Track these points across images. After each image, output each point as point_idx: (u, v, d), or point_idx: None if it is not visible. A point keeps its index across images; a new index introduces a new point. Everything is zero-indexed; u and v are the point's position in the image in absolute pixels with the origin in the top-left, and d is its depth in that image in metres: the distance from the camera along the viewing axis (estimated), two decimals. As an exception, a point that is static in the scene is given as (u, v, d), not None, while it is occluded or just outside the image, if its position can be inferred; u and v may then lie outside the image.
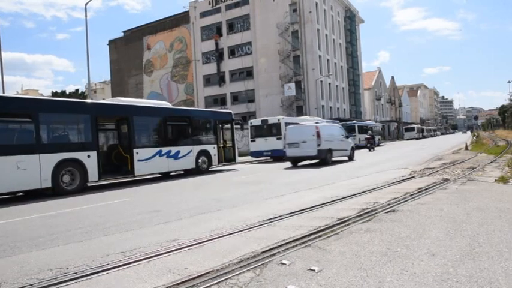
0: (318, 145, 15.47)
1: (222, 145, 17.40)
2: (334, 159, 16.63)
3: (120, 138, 14.19)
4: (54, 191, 10.61)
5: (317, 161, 16.19)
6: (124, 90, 52.79)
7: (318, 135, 15.52)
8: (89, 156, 11.50)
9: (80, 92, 62.68)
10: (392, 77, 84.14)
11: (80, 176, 11.25)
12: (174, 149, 14.56)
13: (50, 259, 4.19)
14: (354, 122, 37.47)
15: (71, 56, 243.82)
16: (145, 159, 13.37)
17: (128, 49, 54.59)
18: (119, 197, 9.65)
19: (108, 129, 14.64)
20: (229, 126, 18.33)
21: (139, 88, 53.79)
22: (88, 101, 13.26)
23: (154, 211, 7.02)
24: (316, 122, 17.93)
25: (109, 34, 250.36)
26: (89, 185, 12.46)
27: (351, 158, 17.86)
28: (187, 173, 15.69)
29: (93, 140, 11.83)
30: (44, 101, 11.56)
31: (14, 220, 6.95)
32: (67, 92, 61.45)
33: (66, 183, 10.95)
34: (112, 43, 57.58)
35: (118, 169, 13.18)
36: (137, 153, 13.11)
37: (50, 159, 10.53)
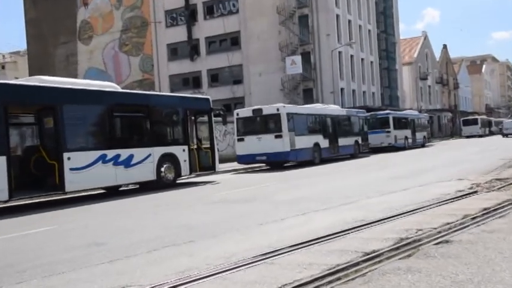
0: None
1: (195, 146, 17.47)
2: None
3: (43, 138, 14.08)
4: None
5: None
6: (48, 65, 52.45)
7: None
8: (-6, 164, 11.39)
9: (-19, 68, 62.11)
10: (445, 46, 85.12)
11: (-17, 194, 11.13)
12: (124, 153, 14.50)
13: None
14: (388, 112, 37.56)
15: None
16: (82, 168, 13.27)
17: (54, 4, 54.22)
18: (40, 225, 9.54)
19: (25, 124, 14.57)
20: (206, 118, 18.40)
21: (71, 62, 53.56)
22: (-6, 81, 13.11)
23: (94, 244, 6.99)
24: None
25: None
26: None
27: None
28: (145, 187, 15.70)
29: (0, 141, 11.72)
30: None
31: None
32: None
33: (-38, 204, 10.84)
34: (31, -4, 57.22)
35: (40, 182, 13.09)
36: (69, 158, 12.99)
37: None
